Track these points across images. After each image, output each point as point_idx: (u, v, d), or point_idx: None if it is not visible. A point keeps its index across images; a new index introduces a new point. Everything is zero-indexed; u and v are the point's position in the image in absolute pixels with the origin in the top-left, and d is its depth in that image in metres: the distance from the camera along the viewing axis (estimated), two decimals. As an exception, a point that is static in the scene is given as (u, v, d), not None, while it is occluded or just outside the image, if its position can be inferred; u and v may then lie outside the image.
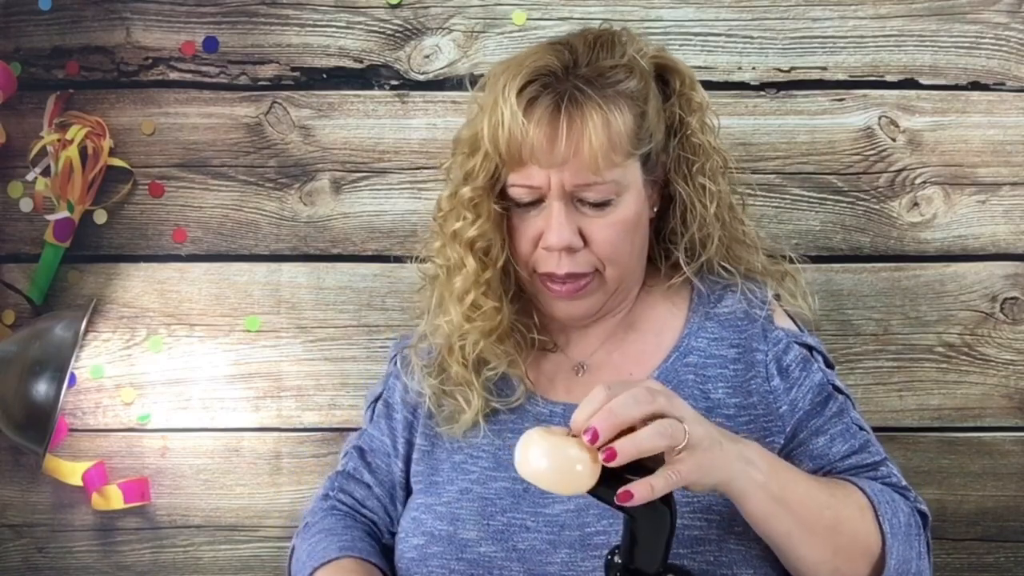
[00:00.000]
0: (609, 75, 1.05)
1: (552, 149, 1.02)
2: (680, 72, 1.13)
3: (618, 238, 1.07)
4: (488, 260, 1.09)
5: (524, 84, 1.03)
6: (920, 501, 1.10)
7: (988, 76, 1.47)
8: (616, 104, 1.03)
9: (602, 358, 1.14)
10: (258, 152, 1.51)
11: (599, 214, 1.05)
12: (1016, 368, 1.47)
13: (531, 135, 1.02)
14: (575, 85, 1.03)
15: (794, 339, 1.12)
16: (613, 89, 1.04)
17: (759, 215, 1.48)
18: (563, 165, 1.02)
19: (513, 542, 1.04)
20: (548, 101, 1.02)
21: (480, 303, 1.10)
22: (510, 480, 1.07)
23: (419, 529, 1.09)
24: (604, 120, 1.02)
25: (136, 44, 1.51)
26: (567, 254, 1.06)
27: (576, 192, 1.04)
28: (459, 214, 1.09)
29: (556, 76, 1.04)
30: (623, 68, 1.06)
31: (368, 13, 1.50)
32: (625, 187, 1.06)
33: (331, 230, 1.50)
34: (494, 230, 1.08)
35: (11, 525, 1.52)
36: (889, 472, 1.10)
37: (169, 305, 1.51)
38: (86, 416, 1.51)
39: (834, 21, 1.48)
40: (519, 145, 1.02)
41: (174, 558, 1.51)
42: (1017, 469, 1.48)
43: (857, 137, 1.48)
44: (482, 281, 1.09)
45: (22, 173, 1.51)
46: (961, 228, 1.48)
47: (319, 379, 1.50)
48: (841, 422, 1.10)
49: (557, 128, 1.02)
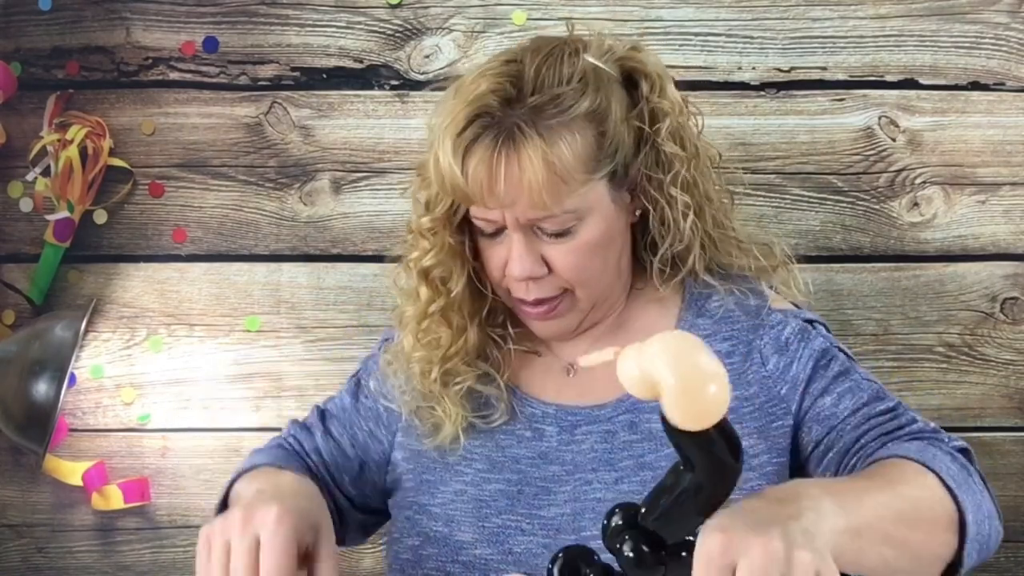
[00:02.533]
0: (557, 102, 1.00)
1: (493, 192, 0.99)
2: (649, 75, 1.06)
3: (582, 262, 1.04)
4: (443, 288, 1.08)
5: (461, 128, 0.99)
6: (952, 439, 1.01)
7: (988, 76, 1.47)
8: (562, 135, 0.99)
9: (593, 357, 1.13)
10: (258, 152, 1.51)
11: (560, 241, 1.02)
12: (1016, 368, 1.47)
13: (470, 180, 0.99)
14: (515, 123, 0.98)
15: (793, 315, 1.10)
16: (561, 118, 0.99)
17: (759, 215, 1.48)
18: (513, 200, 0.99)
19: (509, 545, 1.04)
20: (486, 142, 0.99)
21: (433, 330, 1.09)
22: (504, 482, 1.07)
23: (414, 529, 1.08)
24: (544, 157, 0.97)
25: (136, 44, 1.51)
26: (532, 282, 1.04)
27: (533, 223, 1.02)
28: (417, 242, 1.09)
29: (493, 116, 0.99)
30: (572, 91, 1.00)
31: (368, 13, 1.50)
32: (587, 211, 1.02)
33: (331, 230, 1.50)
34: (452, 259, 1.07)
35: (11, 525, 1.52)
36: (910, 418, 1.02)
37: (169, 305, 1.51)
38: (86, 416, 1.51)
39: (834, 21, 1.48)
40: (462, 189, 1.00)
41: (174, 558, 1.51)
42: (1017, 469, 1.48)
43: (857, 137, 1.48)
44: (432, 311, 1.09)
45: (22, 173, 1.51)
46: (961, 228, 1.48)
47: (319, 379, 1.50)
48: (848, 379, 1.05)
49: (494, 171, 0.98)
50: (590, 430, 1.07)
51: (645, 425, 1.05)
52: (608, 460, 1.05)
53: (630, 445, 1.05)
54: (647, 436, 1.05)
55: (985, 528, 0.92)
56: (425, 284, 1.09)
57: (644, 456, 1.04)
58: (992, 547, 0.94)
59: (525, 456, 1.08)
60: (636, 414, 1.06)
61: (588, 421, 1.08)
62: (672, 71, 1.46)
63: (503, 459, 1.08)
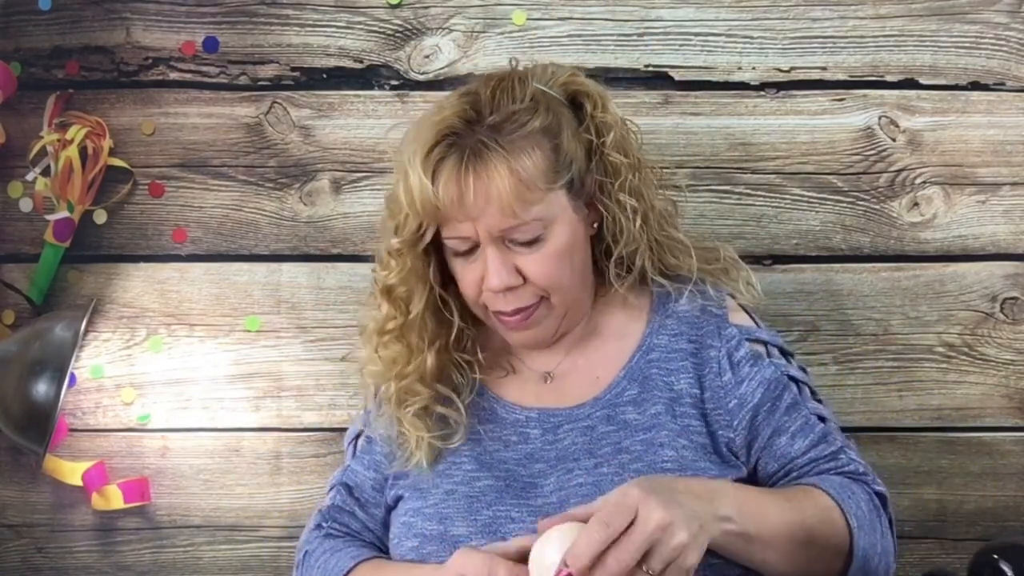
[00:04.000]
0: (514, 119, 1.08)
1: (462, 204, 1.06)
2: (591, 95, 1.15)
3: (554, 268, 1.10)
4: (403, 308, 1.14)
5: (429, 148, 1.07)
6: (877, 482, 1.14)
7: (988, 76, 1.47)
8: (523, 148, 1.07)
9: (568, 366, 1.18)
10: (258, 152, 1.51)
11: (531, 251, 1.09)
12: (1016, 368, 1.47)
13: (441, 196, 1.06)
14: (479, 139, 1.07)
15: (746, 336, 1.16)
16: (519, 132, 1.07)
17: (759, 215, 1.48)
18: (482, 213, 1.06)
19: (502, 533, 1.07)
20: (453, 159, 1.06)
21: (389, 347, 1.15)
22: (493, 479, 1.11)
23: (410, 532, 1.12)
24: (508, 168, 1.05)
25: (136, 44, 1.51)
26: (510, 292, 1.10)
27: (505, 235, 1.08)
28: (385, 263, 1.15)
29: (458, 134, 1.08)
30: (526, 110, 1.09)
31: (368, 13, 1.50)
32: (552, 219, 1.09)
33: (331, 230, 1.50)
34: (415, 280, 1.14)
35: (11, 525, 1.52)
36: (848, 460, 1.14)
37: (169, 305, 1.51)
38: (86, 416, 1.51)
39: (834, 21, 1.48)
40: (432, 206, 1.07)
41: (174, 558, 1.51)
42: (1017, 469, 1.48)
43: (857, 137, 1.48)
44: (390, 328, 1.15)
45: (22, 173, 1.51)
46: (961, 228, 1.48)
47: (319, 379, 1.50)
48: (799, 416, 1.14)
49: (463, 185, 1.05)
50: (572, 427, 1.13)
51: (620, 417, 1.12)
52: (588, 450, 1.11)
53: (608, 435, 1.11)
54: (622, 426, 1.12)
55: (874, 563, 1.08)
56: (388, 302, 1.15)
57: (621, 443, 1.10)
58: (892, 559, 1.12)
59: (512, 458, 1.13)
60: (611, 408, 1.13)
61: (569, 420, 1.14)
62: (672, 71, 1.48)
63: (491, 461, 1.13)
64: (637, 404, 1.12)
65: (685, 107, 1.47)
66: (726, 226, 1.47)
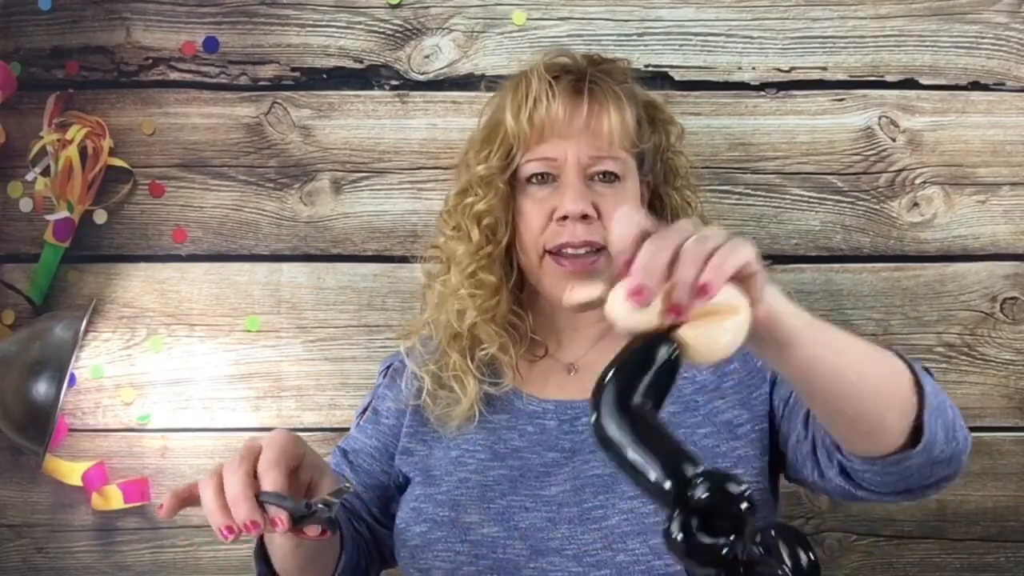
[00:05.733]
0: (621, 76, 1.18)
1: (572, 121, 1.12)
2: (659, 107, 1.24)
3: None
4: (493, 238, 1.15)
5: (548, 67, 1.14)
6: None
7: (988, 76, 1.47)
8: (627, 98, 1.15)
9: (593, 358, 1.17)
10: (258, 152, 1.51)
11: (610, 189, 1.13)
12: (1016, 368, 1.47)
13: (555, 106, 1.11)
14: (593, 74, 1.15)
15: None
16: (624, 86, 1.16)
17: (759, 215, 1.48)
18: (580, 136, 1.11)
19: (514, 522, 1.06)
20: (570, 80, 1.13)
21: (480, 276, 1.15)
22: (507, 468, 1.11)
23: (420, 518, 1.10)
24: (619, 104, 1.13)
25: (136, 44, 1.51)
26: (582, 223, 1.10)
27: (590, 166, 1.12)
28: (471, 191, 1.16)
29: (578, 67, 1.16)
30: (627, 75, 1.19)
31: (368, 13, 1.50)
32: (630, 172, 1.14)
33: (331, 230, 1.50)
34: (502, 208, 1.14)
35: (11, 525, 1.52)
36: None
37: (169, 305, 1.51)
38: (86, 416, 1.51)
39: (834, 21, 1.48)
40: (543, 117, 1.12)
41: (174, 558, 1.51)
42: (1017, 469, 1.48)
43: (857, 137, 1.48)
44: (483, 255, 1.15)
45: (22, 173, 1.51)
46: (961, 228, 1.48)
47: (319, 379, 1.50)
48: None
49: (579, 102, 1.12)
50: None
51: None
52: None
53: None
54: None
55: (948, 412, 0.89)
56: (477, 228, 1.15)
57: None
58: (960, 439, 0.90)
59: (525, 446, 1.12)
60: None
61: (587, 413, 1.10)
62: (672, 71, 1.48)
63: (505, 450, 1.12)
64: None
65: (685, 107, 1.47)
66: (726, 226, 1.47)
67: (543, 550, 1.04)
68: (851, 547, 1.48)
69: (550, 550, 1.04)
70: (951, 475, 0.92)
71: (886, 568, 1.48)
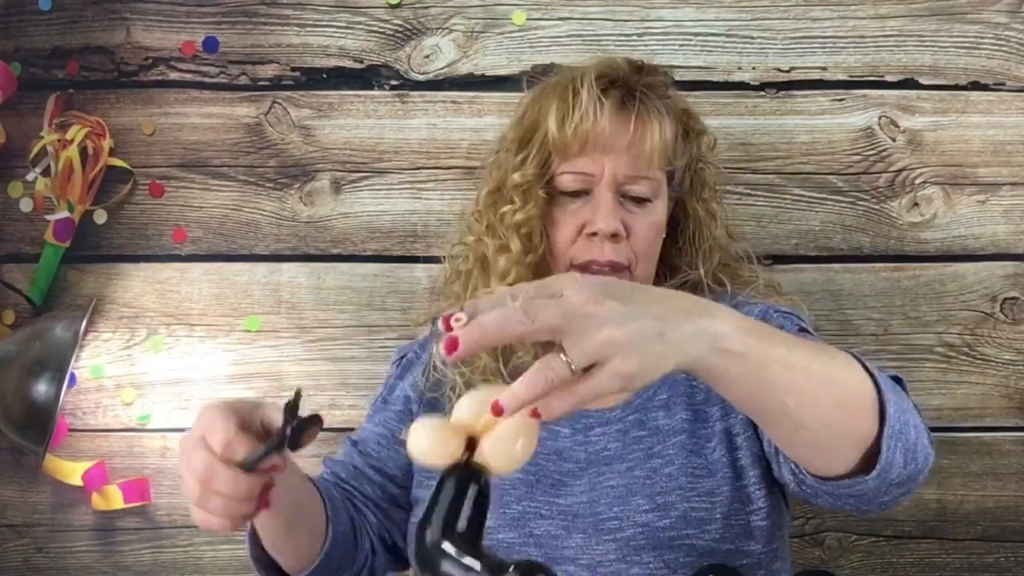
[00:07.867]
0: (663, 91, 1.17)
1: (616, 139, 1.11)
2: (694, 116, 1.23)
3: (653, 236, 1.15)
4: (530, 245, 1.14)
5: (599, 76, 1.13)
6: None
7: (988, 76, 1.47)
8: (668, 115, 1.15)
9: None
10: (258, 152, 1.51)
11: (640, 210, 1.13)
12: (1016, 368, 1.47)
13: (602, 121, 1.11)
14: (641, 88, 1.14)
15: (769, 308, 1.13)
16: (666, 102, 1.16)
17: (759, 215, 1.48)
18: (620, 153, 1.11)
19: (529, 528, 1.07)
20: (618, 94, 1.13)
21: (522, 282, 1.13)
22: (523, 472, 1.09)
23: None
24: (662, 123, 1.13)
25: (136, 44, 1.51)
26: (611, 242, 1.11)
27: (624, 184, 1.12)
28: (507, 199, 1.15)
29: (624, 77, 1.15)
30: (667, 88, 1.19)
31: (368, 13, 1.50)
32: (661, 192, 1.15)
33: (331, 230, 1.50)
34: (539, 217, 1.14)
35: (11, 525, 1.52)
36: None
37: (169, 305, 1.51)
38: (86, 416, 1.51)
39: (834, 21, 1.48)
40: (588, 129, 1.11)
41: (174, 558, 1.51)
42: (1017, 469, 1.48)
43: (857, 137, 1.48)
44: (525, 263, 1.14)
45: (22, 173, 1.51)
46: (961, 228, 1.48)
47: (319, 379, 1.50)
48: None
49: (625, 119, 1.11)
50: (604, 431, 1.12)
51: (652, 423, 1.11)
52: (620, 455, 1.09)
53: (640, 440, 1.10)
54: (654, 431, 1.10)
55: (911, 433, 0.84)
56: (517, 237, 1.14)
57: (653, 448, 1.09)
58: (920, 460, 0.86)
59: (540, 452, 1.11)
60: (643, 413, 1.12)
61: (601, 423, 1.13)
62: (672, 71, 1.47)
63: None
64: (667, 408, 1.11)
65: (685, 107, 1.47)
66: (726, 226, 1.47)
67: (557, 558, 1.04)
68: (851, 547, 1.48)
69: (564, 559, 1.04)
70: (908, 492, 0.88)
71: (886, 568, 1.48)
